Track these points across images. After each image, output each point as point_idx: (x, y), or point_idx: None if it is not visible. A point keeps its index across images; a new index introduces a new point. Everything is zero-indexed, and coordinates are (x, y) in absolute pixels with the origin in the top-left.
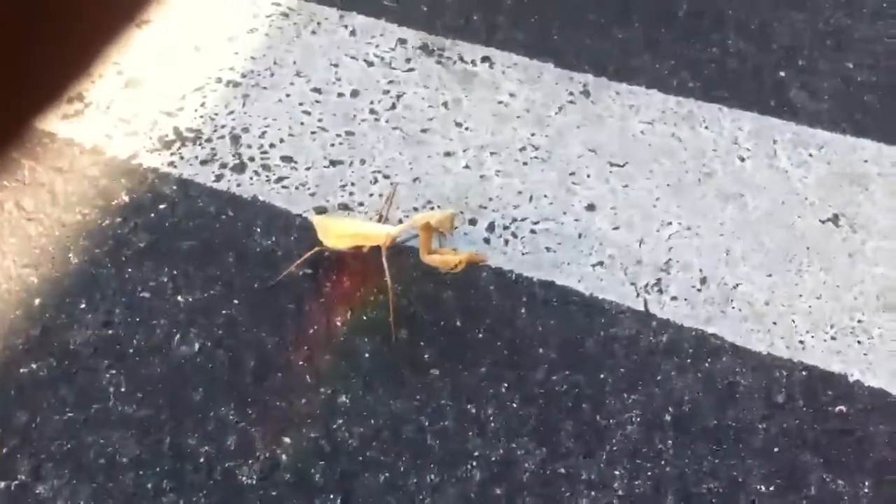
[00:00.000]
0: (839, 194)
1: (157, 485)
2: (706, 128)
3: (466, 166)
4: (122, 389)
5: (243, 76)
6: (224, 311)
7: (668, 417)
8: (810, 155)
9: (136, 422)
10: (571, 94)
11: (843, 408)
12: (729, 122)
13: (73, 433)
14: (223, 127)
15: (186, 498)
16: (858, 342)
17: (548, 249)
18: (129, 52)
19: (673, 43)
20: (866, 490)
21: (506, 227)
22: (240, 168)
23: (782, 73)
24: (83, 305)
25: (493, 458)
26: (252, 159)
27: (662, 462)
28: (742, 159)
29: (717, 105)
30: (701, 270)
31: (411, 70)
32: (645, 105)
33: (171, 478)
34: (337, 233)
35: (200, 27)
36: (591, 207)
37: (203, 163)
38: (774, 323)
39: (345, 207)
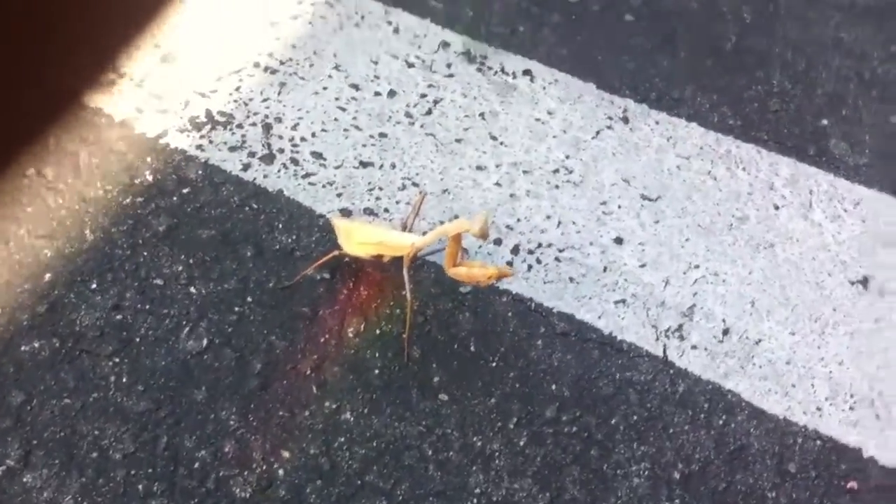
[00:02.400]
0: (871, 256)
1: (147, 486)
2: (743, 169)
3: (497, 183)
4: (124, 379)
5: (282, 63)
6: (237, 308)
7: (676, 474)
8: (845, 210)
9: (135, 416)
10: (610, 118)
11: (854, 484)
12: (766, 166)
13: (69, 421)
14: (256, 114)
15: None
16: (877, 416)
17: (571, 280)
18: (169, 26)
19: (717, 76)
20: None
21: (531, 252)
22: (269, 159)
23: (824, 121)
24: (94, 286)
25: (495, 499)
26: (282, 151)
27: None
28: (776, 207)
29: (756, 147)
30: (724, 321)
31: (451, 76)
32: (683, 138)
33: (162, 480)
34: (359, 239)
35: (243, 8)
36: (618, 241)
37: (232, 149)
38: (793, 385)
39: (370, 212)
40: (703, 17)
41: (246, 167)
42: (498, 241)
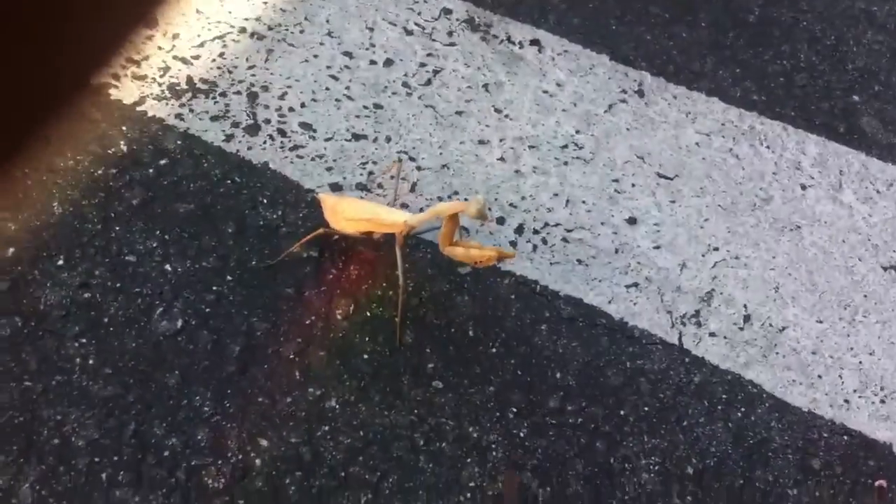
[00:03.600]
0: None
1: (112, 475)
2: (767, 147)
3: (501, 158)
4: (90, 362)
5: (270, 29)
6: (215, 288)
7: (689, 469)
8: (878, 191)
9: (101, 401)
10: (624, 91)
11: (883, 482)
12: (793, 144)
13: (29, 405)
14: (241, 82)
15: (142, 495)
16: None
17: (579, 262)
18: None
19: (740, 50)
20: None
21: (536, 232)
22: (253, 130)
23: (855, 98)
24: (61, 262)
25: (490, 493)
26: (268, 121)
27: None
28: (803, 187)
29: (782, 123)
30: (745, 307)
31: (453, 44)
32: (703, 114)
33: (128, 469)
34: (347, 215)
35: None
36: (632, 221)
37: (214, 119)
38: (820, 376)
39: (362, 188)
40: None
41: (229, 138)
42: (501, 220)
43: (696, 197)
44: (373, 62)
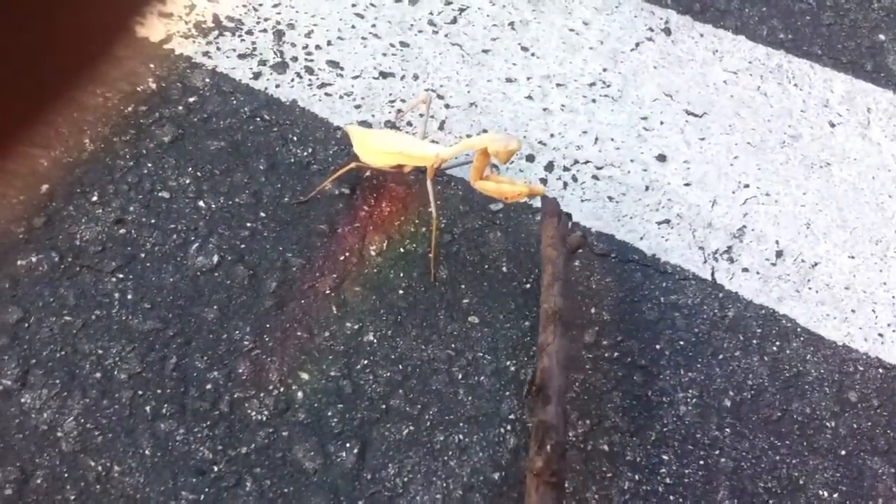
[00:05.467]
0: None
1: (156, 408)
2: (795, 85)
3: (529, 96)
4: (129, 297)
5: None
6: (249, 224)
7: (727, 402)
8: None
9: (141, 335)
10: (651, 30)
11: None
12: (820, 82)
13: (69, 339)
14: (267, 20)
15: (187, 426)
16: None
17: (610, 199)
18: None
19: None
20: None
21: (566, 169)
22: (281, 67)
23: (881, 36)
24: (95, 198)
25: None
26: (295, 59)
27: (717, 451)
28: (832, 125)
29: (808, 62)
30: (777, 242)
31: None
32: (730, 52)
33: (172, 402)
34: (376, 148)
35: None
36: (661, 158)
37: (241, 57)
38: (853, 311)
39: (391, 125)
40: None
41: (257, 76)
42: (531, 158)
43: (725, 134)
44: (398, 0)
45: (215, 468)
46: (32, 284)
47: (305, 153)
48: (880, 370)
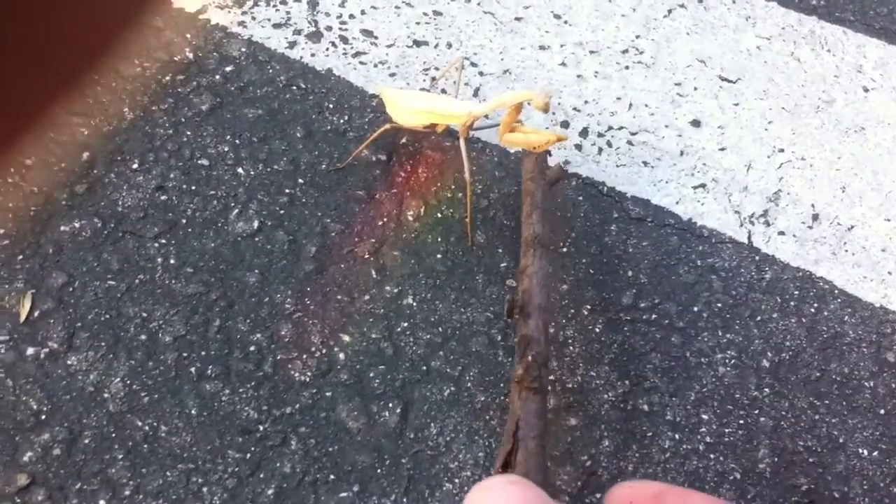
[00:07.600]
0: None
1: (201, 370)
2: (828, 51)
3: (562, 63)
4: (171, 261)
5: None
6: (288, 191)
7: (765, 363)
8: None
9: (184, 298)
10: None
11: None
12: (853, 48)
13: (114, 303)
14: None
15: (232, 387)
16: None
17: (645, 164)
18: None
19: None
20: None
21: (601, 135)
22: (315, 37)
23: None
24: (135, 166)
25: (570, 385)
26: (329, 28)
27: (756, 411)
28: (866, 90)
29: (841, 27)
30: (813, 206)
31: None
32: (762, 18)
33: (217, 363)
34: (409, 107)
35: None
36: (695, 123)
37: (276, 26)
38: (890, 273)
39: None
40: None
41: (292, 45)
42: (566, 124)
43: (759, 100)
44: None
45: (260, 428)
46: (76, 250)
47: (341, 121)
48: None
